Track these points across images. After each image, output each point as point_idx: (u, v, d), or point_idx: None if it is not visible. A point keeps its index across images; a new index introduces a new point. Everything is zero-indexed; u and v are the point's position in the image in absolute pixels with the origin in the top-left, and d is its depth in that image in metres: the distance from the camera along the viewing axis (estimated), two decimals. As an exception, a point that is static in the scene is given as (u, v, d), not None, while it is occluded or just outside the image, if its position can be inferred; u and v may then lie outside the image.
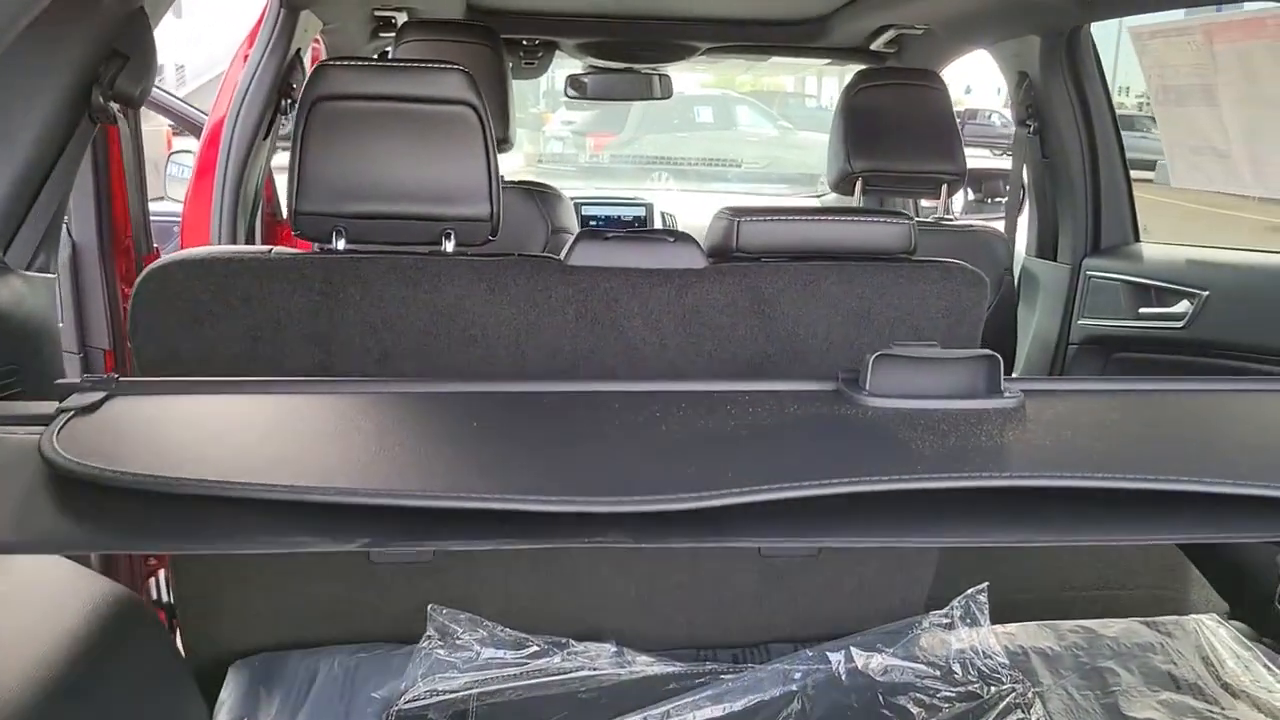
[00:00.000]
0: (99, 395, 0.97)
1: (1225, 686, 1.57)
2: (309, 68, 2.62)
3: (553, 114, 13.15)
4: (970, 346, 1.56)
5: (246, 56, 2.50)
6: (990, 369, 1.04)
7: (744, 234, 1.48)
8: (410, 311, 1.43)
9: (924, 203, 3.63)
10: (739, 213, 1.50)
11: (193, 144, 3.23)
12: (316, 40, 2.79)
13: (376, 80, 1.43)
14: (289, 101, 2.51)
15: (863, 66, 2.89)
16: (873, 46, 3.15)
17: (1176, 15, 2.26)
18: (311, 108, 1.40)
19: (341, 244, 1.44)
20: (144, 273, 1.36)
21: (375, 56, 3.15)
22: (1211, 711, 1.51)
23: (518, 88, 3.24)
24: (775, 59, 3.55)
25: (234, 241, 2.48)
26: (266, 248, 1.43)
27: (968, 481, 0.86)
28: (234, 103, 2.47)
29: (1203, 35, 2.19)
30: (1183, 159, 2.45)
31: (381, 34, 3.01)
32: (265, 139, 2.51)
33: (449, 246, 1.46)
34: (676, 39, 3.26)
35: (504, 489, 0.83)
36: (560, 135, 12.82)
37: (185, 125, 4.16)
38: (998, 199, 3.46)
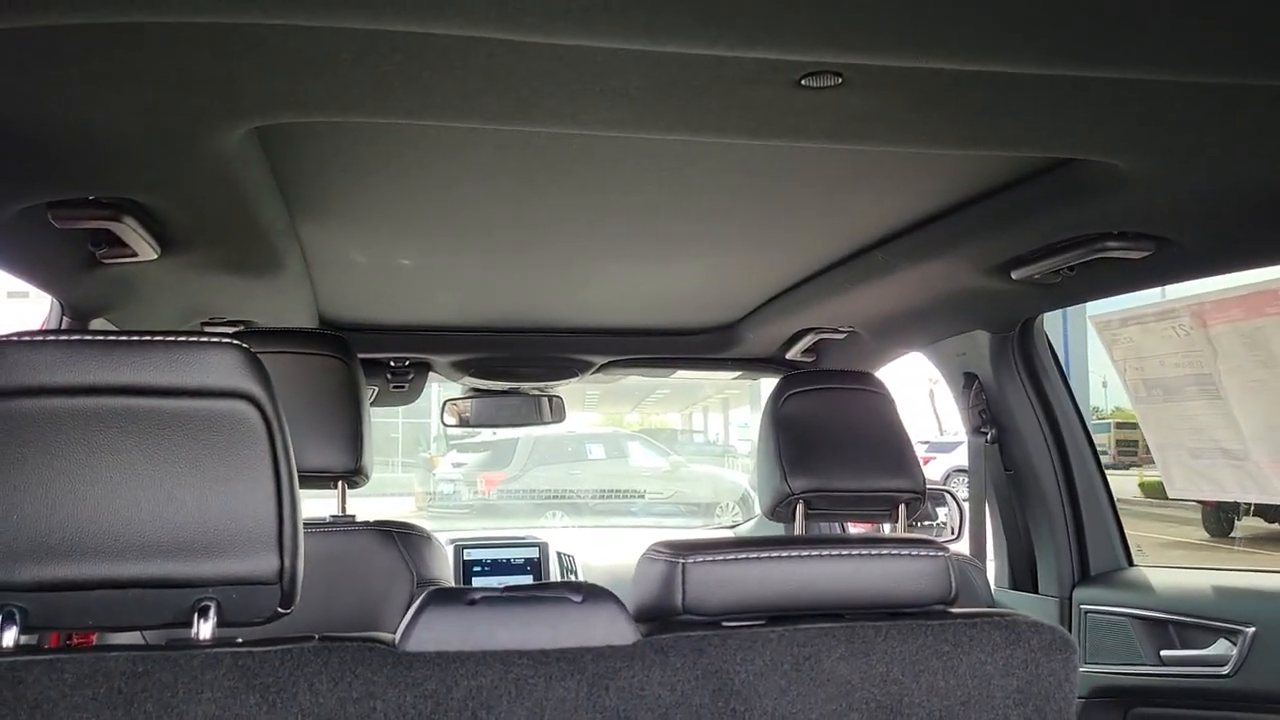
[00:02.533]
0: None
1: None
2: None
3: (442, 457, 12.86)
4: None
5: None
6: None
7: (694, 583, 0.94)
8: None
9: (851, 527, 3.17)
10: (682, 551, 0.96)
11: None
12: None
13: (91, 363, 0.89)
14: None
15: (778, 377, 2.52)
16: (789, 355, 2.79)
17: (1154, 296, 1.94)
18: None
19: (10, 637, 0.84)
20: None
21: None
22: None
23: (407, 430, 2.76)
24: (681, 372, 3.16)
25: None
26: None
27: None
28: None
29: (1192, 316, 1.85)
30: (1179, 465, 2.05)
31: None
32: None
33: (205, 630, 0.88)
34: (567, 354, 2.85)
35: None
36: (451, 477, 12.47)
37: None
38: (925, 521, 3.03)
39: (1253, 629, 1.84)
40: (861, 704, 0.93)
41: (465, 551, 3.12)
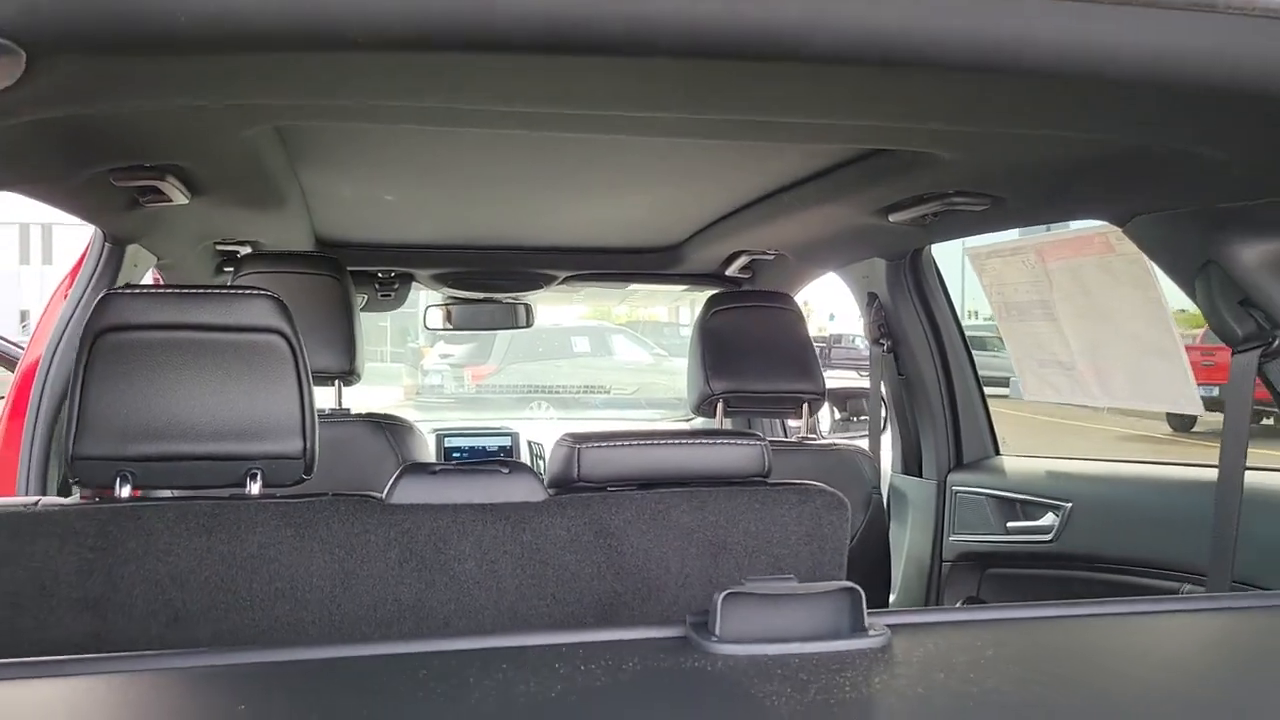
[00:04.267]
0: None
1: None
2: None
3: (430, 348, 13.22)
4: (835, 575, 1.45)
5: (67, 293, 2.36)
6: (853, 604, 0.93)
7: (585, 462, 1.37)
8: (205, 565, 1.25)
9: (791, 423, 3.63)
10: (580, 439, 1.39)
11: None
12: (158, 274, 2.67)
13: (170, 308, 1.30)
14: None
15: (722, 290, 2.93)
16: (727, 272, 3.20)
17: (1011, 235, 2.34)
18: (95, 340, 1.26)
19: (126, 491, 1.27)
20: None
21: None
22: None
23: (396, 320, 3.17)
24: (634, 285, 3.57)
25: (43, 490, 2.26)
26: (34, 498, 1.25)
27: None
28: (50, 340, 2.31)
29: (1036, 254, 2.26)
30: (1031, 373, 2.48)
31: (226, 268, 2.91)
32: None
33: (254, 488, 1.31)
34: (533, 269, 3.25)
35: None
36: (439, 368, 12.85)
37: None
38: (863, 417, 3.47)
39: (1070, 504, 2.31)
40: (698, 542, 1.37)
41: (446, 439, 3.57)
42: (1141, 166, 1.48)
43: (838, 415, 3.54)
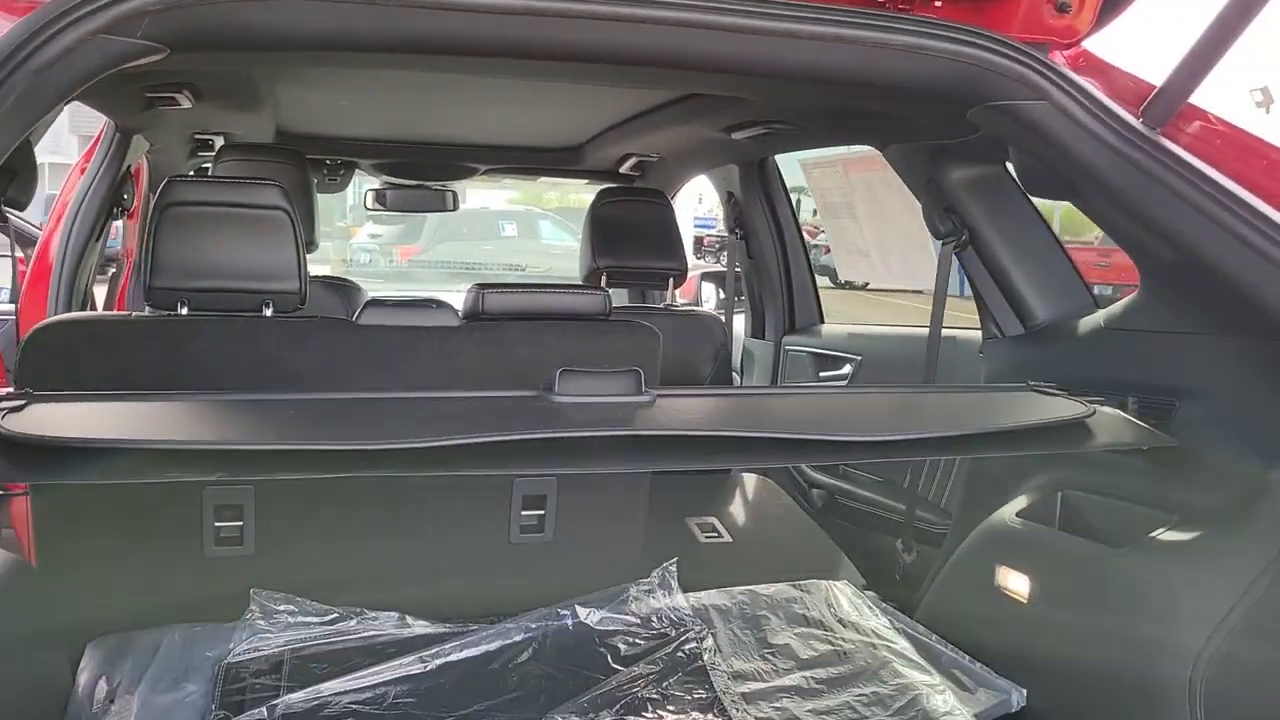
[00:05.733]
0: (22, 400, 1.44)
1: (840, 621, 2.21)
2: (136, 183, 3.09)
3: (359, 228, 13.65)
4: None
5: (83, 171, 2.95)
6: (636, 380, 1.65)
7: (487, 302, 2.08)
8: (237, 360, 1.94)
9: (682, 298, 4.36)
10: (484, 287, 2.09)
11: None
12: (139, 163, 3.26)
13: (213, 192, 1.96)
14: (119, 209, 2.98)
15: (612, 185, 3.61)
16: (621, 170, 3.87)
17: (830, 152, 3.05)
18: (163, 212, 1.92)
19: (184, 310, 1.94)
20: (34, 328, 1.82)
21: (192, 173, 3.63)
22: (827, 635, 2.15)
23: (324, 202, 3.79)
24: (543, 179, 4.23)
25: None
26: (128, 313, 1.92)
27: (618, 430, 1.46)
28: (69, 211, 2.90)
29: (842, 166, 2.97)
30: (844, 259, 3.22)
31: (199, 154, 3.51)
32: (97, 242, 2.95)
33: (267, 313, 1.99)
34: (458, 161, 3.89)
35: (309, 439, 1.37)
36: (368, 247, 13.32)
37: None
38: (741, 296, 4.21)
39: (860, 357, 3.08)
40: (561, 355, 2.08)
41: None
42: (867, 114, 2.20)
43: (722, 295, 4.29)
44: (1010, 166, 2.14)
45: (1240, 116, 1.66)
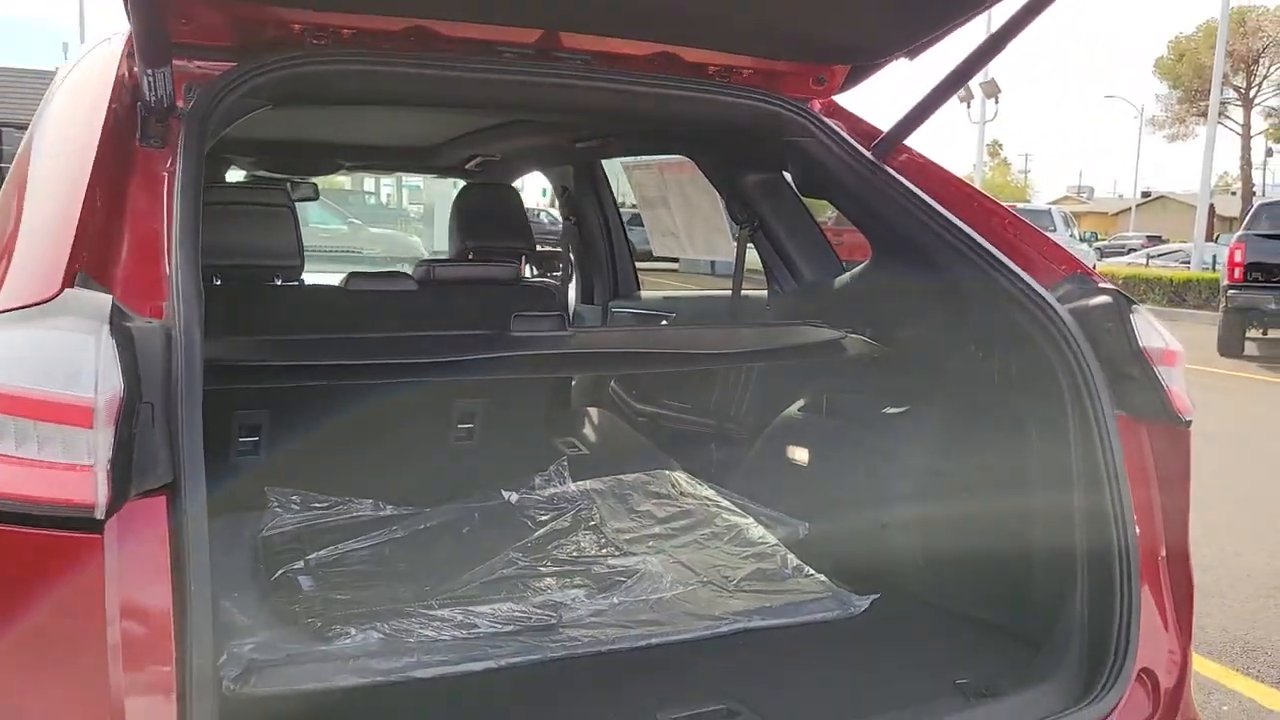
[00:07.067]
0: None
1: (681, 494, 3.16)
2: None
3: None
4: None
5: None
6: (561, 321, 2.50)
7: (436, 272, 2.87)
8: (257, 318, 2.64)
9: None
10: (432, 263, 2.89)
11: None
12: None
13: (236, 194, 2.66)
14: None
15: (461, 180, 4.40)
16: (467, 166, 4.65)
17: (648, 158, 3.98)
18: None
19: (218, 282, 2.62)
20: None
21: None
22: (674, 502, 3.09)
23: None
24: (398, 173, 4.94)
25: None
26: None
27: (560, 350, 2.33)
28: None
29: (659, 170, 3.91)
30: (657, 239, 4.16)
31: None
32: None
33: (278, 282, 2.70)
34: (328, 158, 4.55)
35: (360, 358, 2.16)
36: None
37: None
38: (555, 272, 5.09)
39: (674, 314, 4.05)
40: (484, 308, 2.90)
41: None
42: (688, 135, 3.15)
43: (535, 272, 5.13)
44: (787, 175, 3.14)
45: (945, 109, 2.63)
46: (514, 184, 4.57)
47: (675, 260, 13.02)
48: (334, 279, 2.94)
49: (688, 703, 1.94)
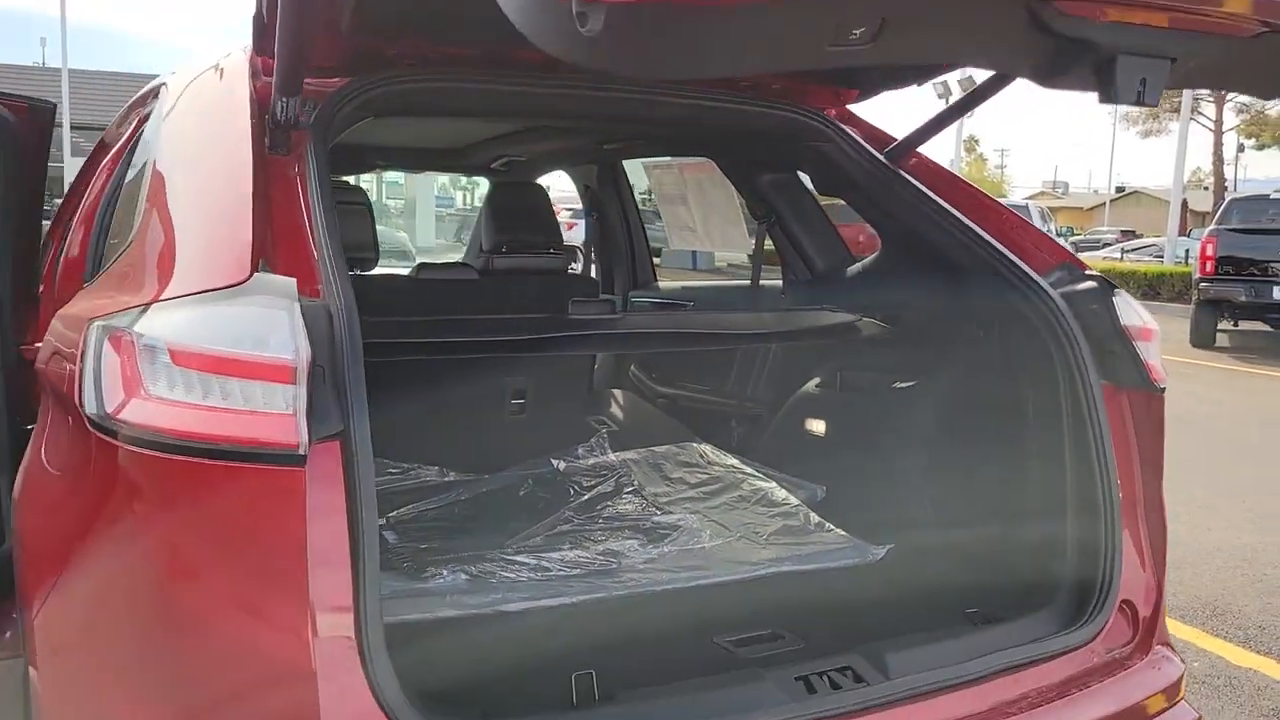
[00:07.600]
0: None
1: (709, 463, 3.50)
2: None
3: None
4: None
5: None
6: (611, 305, 2.84)
7: (495, 263, 3.20)
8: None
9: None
10: (492, 254, 3.21)
11: None
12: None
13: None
14: None
15: (463, 177, 4.74)
16: (493, 166, 4.97)
17: (667, 159, 4.31)
18: None
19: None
20: None
21: None
22: (704, 469, 3.43)
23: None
24: (424, 171, 5.25)
25: None
26: None
27: (614, 330, 2.67)
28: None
29: (679, 169, 4.24)
30: (675, 233, 4.49)
31: None
32: None
33: (356, 271, 3.02)
34: (365, 159, 4.86)
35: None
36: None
37: None
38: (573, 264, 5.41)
39: (693, 302, 4.38)
40: (538, 294, 3.23)
41: None
42: (715, 139, 3.49)
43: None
44: (801, 174, 3.48)
45: (929, 104, 3.01)
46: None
47: (657, 254, 13.62)
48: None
49: (738, 628, 2.28)
